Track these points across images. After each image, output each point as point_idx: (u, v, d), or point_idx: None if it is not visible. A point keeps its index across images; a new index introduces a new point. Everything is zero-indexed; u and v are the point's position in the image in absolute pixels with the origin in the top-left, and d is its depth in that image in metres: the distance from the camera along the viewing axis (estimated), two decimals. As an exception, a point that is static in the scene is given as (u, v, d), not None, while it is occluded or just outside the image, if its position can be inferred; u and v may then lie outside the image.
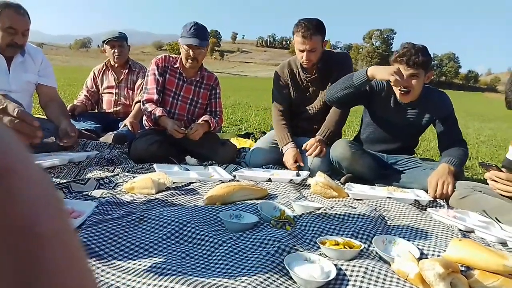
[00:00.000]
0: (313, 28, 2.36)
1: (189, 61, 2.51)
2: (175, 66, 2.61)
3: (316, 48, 2.42)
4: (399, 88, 2.14)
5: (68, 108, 3.13)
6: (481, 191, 1.82)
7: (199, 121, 2.56)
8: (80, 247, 0.23)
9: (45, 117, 2.52)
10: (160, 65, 2.59)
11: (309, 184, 2.03)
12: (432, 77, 2.25)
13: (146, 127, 2.66)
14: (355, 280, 1.04)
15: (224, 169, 2.35)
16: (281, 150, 2.56)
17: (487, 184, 1.83)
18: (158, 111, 2.47)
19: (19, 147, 0.22)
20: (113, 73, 3.28)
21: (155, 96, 2.53)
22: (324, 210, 1.58)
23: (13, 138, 0.22)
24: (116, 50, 3.17)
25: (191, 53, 2.47)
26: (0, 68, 2.29)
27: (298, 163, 2.43)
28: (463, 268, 1.14)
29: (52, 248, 0.21)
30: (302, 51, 2.43)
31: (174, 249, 1.20)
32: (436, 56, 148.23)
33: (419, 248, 1.27)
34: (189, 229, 1.29)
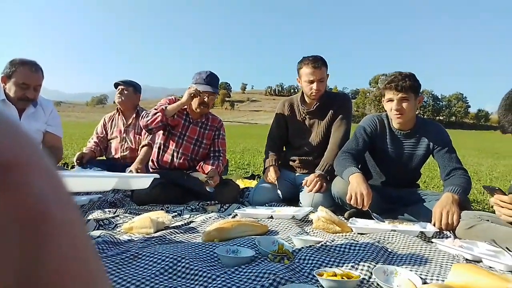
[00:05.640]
0: (320, 60, 2.55)
1: (202, 106, 2.61)
2: (182, 108, 2.68)
3: (324, 78, 2.57)
4: (393, 114, 2.18)
5: (76, 156, 3.21)
6: (488, 220, 1.76)
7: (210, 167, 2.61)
8: (88, 238, 0.24)
9: None
10: (169, 104, 2.65)
11: (312, 220, 1.99)
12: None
13: (151, 170, 2.70)
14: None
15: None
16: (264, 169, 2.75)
17: (494, 213, 1.77)
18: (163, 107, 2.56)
19: (31, 142, 0.22)
20: (123, 117, 3.38)
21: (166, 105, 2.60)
22: (325, 243, 1.54)
23: (26, 133, 0.22)
24: (119, 92, 3.30)
25: (206, 99, 2.58)
26: None
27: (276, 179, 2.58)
28: (468, 296, 1.07)
29: (60, 237, 0.21)
30: (312, 81, 2.54)
31: (166, 285, 1.17)
32: (444, 97, 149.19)
33: (421, 278, 1.21)
34: (183, 264, 1.27)
